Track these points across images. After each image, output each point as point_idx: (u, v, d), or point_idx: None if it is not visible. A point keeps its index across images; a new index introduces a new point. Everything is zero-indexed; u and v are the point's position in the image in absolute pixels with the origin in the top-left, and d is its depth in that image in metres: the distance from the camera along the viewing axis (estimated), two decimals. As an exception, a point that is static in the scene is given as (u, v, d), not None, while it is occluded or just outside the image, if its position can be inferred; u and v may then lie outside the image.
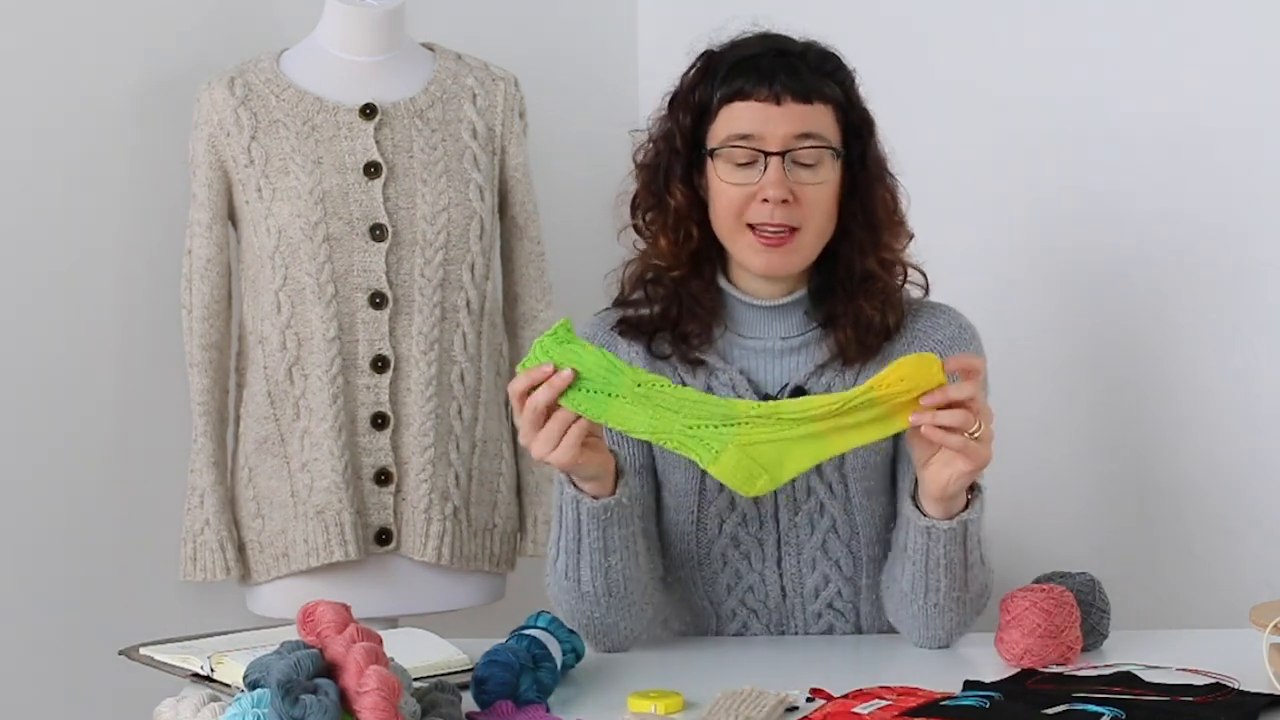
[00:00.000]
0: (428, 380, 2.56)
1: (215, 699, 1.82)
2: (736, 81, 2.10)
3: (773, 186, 2.08)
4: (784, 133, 2.08)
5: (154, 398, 2.70)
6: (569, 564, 2.05)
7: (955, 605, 2.05)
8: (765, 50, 2.12)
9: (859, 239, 2.15)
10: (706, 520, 2.16)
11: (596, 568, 2.04)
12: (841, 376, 2.15)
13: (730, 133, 2.10)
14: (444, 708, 1.74)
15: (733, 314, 2.18)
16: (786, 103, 2.08)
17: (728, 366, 2.16)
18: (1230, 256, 2.65)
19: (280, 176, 2.54)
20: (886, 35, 2.90)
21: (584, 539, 2.03)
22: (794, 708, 1.82)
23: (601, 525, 2.02)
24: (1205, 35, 2.65)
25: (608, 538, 2.03)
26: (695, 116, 2.14)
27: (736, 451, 1.92)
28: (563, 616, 2.08)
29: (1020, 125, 2.81)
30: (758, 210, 2.09)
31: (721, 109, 2.11)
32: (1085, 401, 2.81)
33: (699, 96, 2.14)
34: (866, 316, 2.14)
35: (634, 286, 2.21)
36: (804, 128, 2.09)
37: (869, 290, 2.14)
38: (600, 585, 2.05)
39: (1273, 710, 1.78)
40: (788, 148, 2.08)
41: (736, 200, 2.10)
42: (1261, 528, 2.64)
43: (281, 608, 2.57)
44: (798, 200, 2.09)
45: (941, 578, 2.02)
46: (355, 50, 2.61)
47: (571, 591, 2.07)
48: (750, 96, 2.09)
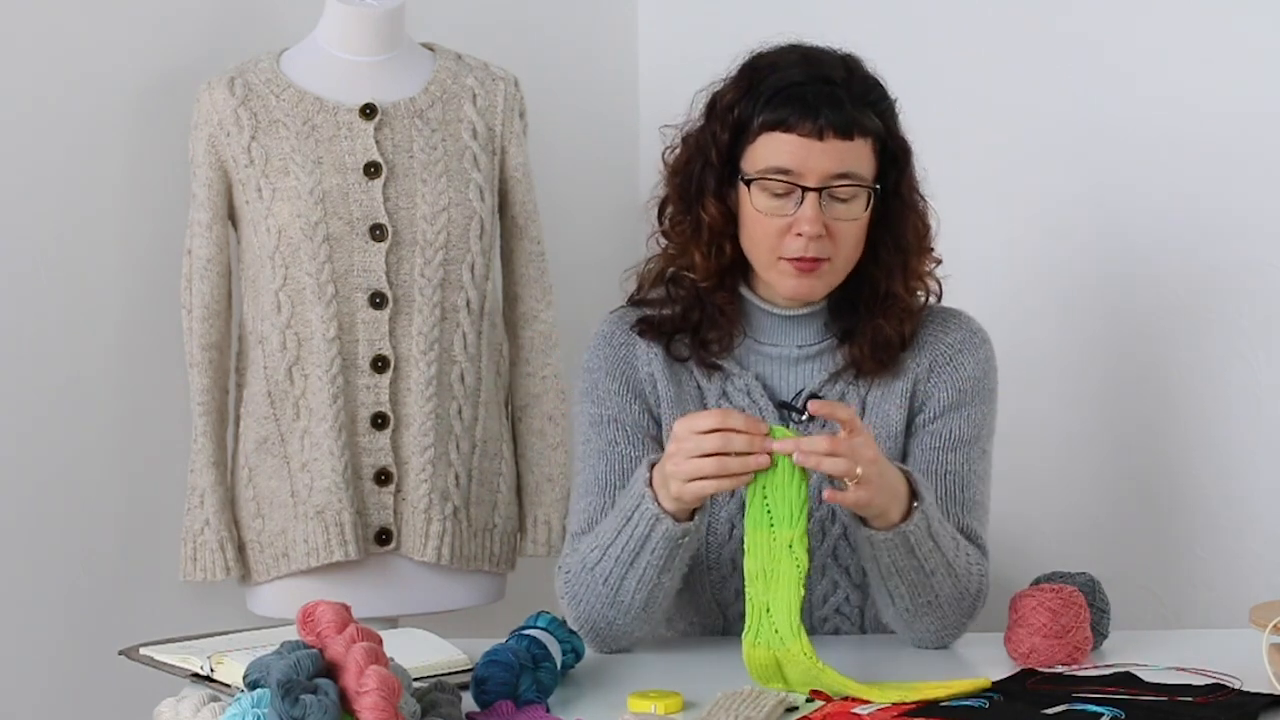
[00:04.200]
0: (428, 380, 2.56)
1: (215, 699, 1.82)
2: (780, 110, 2.08)
3: (809, 224, 2.07)
4: (823, 170, 2.07)
5: (154, 398, 2.70)
6: (614, 573, 2.03)
7: (930, 610, 2.04)
8: (809, 78, 2.10)
9: (886, 262, 2.15)
10: (717, 524, 2.15)
11: (644, 583, 2.02)
12: (855, 385, 2.17)
13: (769, 164, 2.08)
14: (444, 708, 1.74)
15: (752, 321, 2.19)
16: (829, 138, 2.07)
17: (744, 372, 2.17)
18: (1233, 259, 2.65)
19: (280, 176, 2.54)
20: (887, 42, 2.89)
21: (645, 556, 2.00)
22: (794, 708, 1.82)
23: (671, 549, 1.99)
24: (1214, 41, 2.65)
25: (670, 559, 2.01)
26: (733, 134, 2.12)
27: (772, 656, 1.88)
28: (569, 612, 2.07)
29: (1027, 129, 2.82)
30: (790, 243, 2.08)
31: (761, 135, 2.10)
32: (1086, 402, 2.81)
33: (738, 114, 2.12)
34: (885, 334, 2.15)
35: (654, 284, 2.21)
36: (842, 167, 2.08)
37: (889, 309, 2.15)
38: (640, 599, 2.04)
39: (1273, 710, 1.78)
40: (825, 185, 2.07)
41: (771, 233, 2.09)
42: (1261, 528, 2.64)
43: (281, 608, 2.56)
44: (830, 234, 2.09)
45: (899, 584, 2.01)
46: (355, 50, 2.60)
47: (604, 598, 2.05)
48: (793, 129, 2.07)
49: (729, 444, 1.89)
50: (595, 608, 2.06)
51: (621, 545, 2.01)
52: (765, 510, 1.90)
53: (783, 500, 1.89)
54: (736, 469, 1.89)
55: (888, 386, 2.17)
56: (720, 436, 1.89)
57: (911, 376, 2.17)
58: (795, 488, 1.89)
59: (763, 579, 1.90)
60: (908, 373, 2.17)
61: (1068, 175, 2.79)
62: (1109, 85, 2.74)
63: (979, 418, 2.17)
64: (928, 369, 2.17)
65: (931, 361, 2.17)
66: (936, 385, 2.16)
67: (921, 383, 2.17)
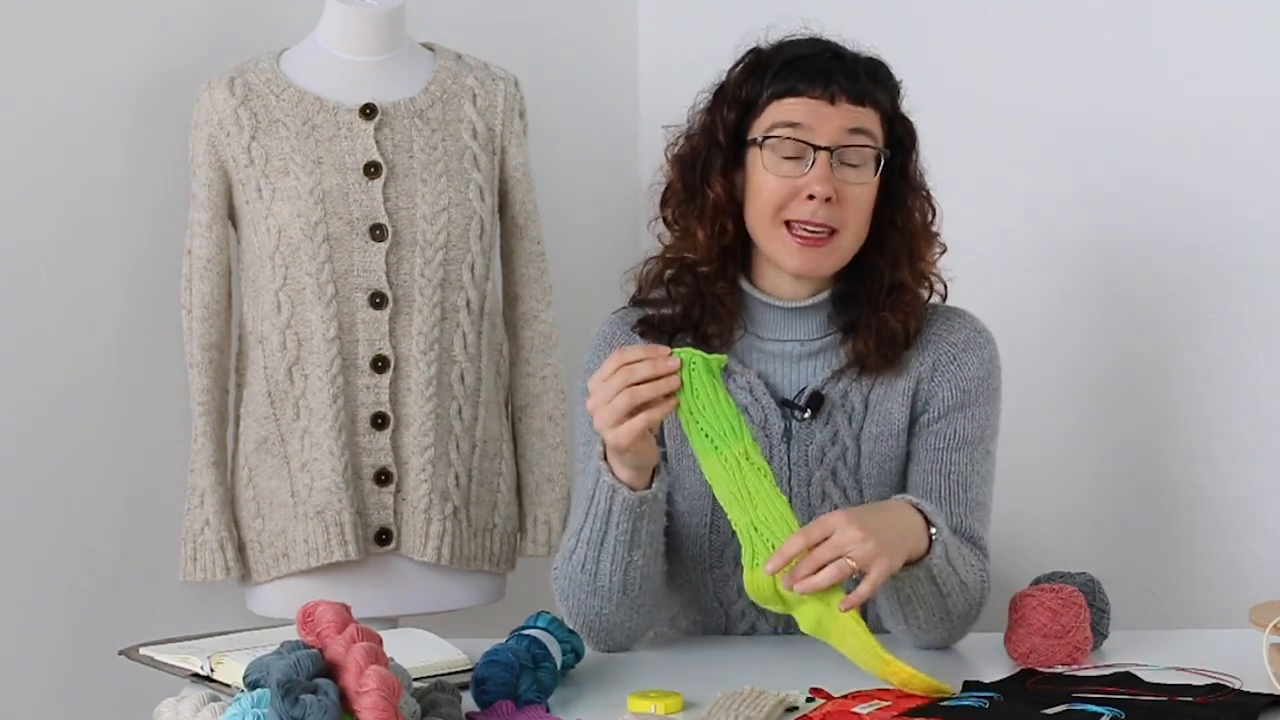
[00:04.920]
0: (428, 380, 2.56)
1: (215, 699, 1.82)
2: (790, 79, 2.08)
3: (819, 183, 2.06)
4: (836, 127, 2.07)
5: (154, 398, 2.70)
6: (588, 556, 2.04)
7: (939, 625, 2.04)
8: (819, 51, 2.11)
9: (893, 249, 2.14)
10: (719, 523, 2.15)
11: (618, 562, 2.03)
12: (858, 383, 2.16)
13: (779, 120, 2.08)
14: (444, 708, 1.74)
15: (753, 315, 2.18)
16: (840, 102, 2.07)
17: (746, 370, 2.16)
18: (1233, 258, 2.65)
19: (280, 176, 2.54)
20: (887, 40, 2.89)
21: (611, 530, 2.02)
22: (794, 708, 1.82)
23: (633, 519, 2.01)
24: (1214, 39, 2.65)
25: (635, 531, 2.02)
26: (740, 112, 2.12)
27: (772, 578, 1.89)
28: (566, 613, 2.08)
29: (1027, 129, 2.82)
30: (800, 207, 2.07)
31: (770, 104, 2.09)
32: (1086, 401, 2.81)
33: (745, 92, 2.12)
34: (890, 328, 2.13)
35: (654, 285, 2.21)
36: (855, 124, 2.07)
37: (895, 301, 2.14)
38: (617, 581, 2.04)
39: (1273, 710, 1.78)
40: (837, 143, 2.07)
41: (779, 194, 2.08)
42: (1261, 528, 2.64)
43: (281, 608, 2.57)
44: (840, 200, 2.07)
45: (917, 609, 2.01)
46: (355, 50, 2.61)
47: (585, 586, 2.06)
48: (803, 94, 2.07)
49: (632, 375, 1.89)
50: (580, 598, 2.07)
51: (590, 527, 2.03)
52: (704, 435, 1.90)
53: (714, 419, 1.90)
54: (648, 394, 1.89)
55: (890, 384, 2.16)
56: (623, 372, 1.89)
57: (915, 375, 2.16)
58: (722, 403, 1.90)
59: (737, 502, 1.90)
60: (911, 371, 2.16)
61: (1068, 175, 2.79)
62: (1109, 85, 2.74)
63: (983, 418, 2.16)
64: (931, 368, 2.16)
65: (935, 360, 2.17)
66: (940, 385, 2.16)
67: (925, 382, 2.16)
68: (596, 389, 1.92)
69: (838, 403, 2.15)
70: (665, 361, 1.89)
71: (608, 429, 1.91)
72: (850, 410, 2.15)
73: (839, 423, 2.15)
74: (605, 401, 1.90)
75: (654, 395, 1.89)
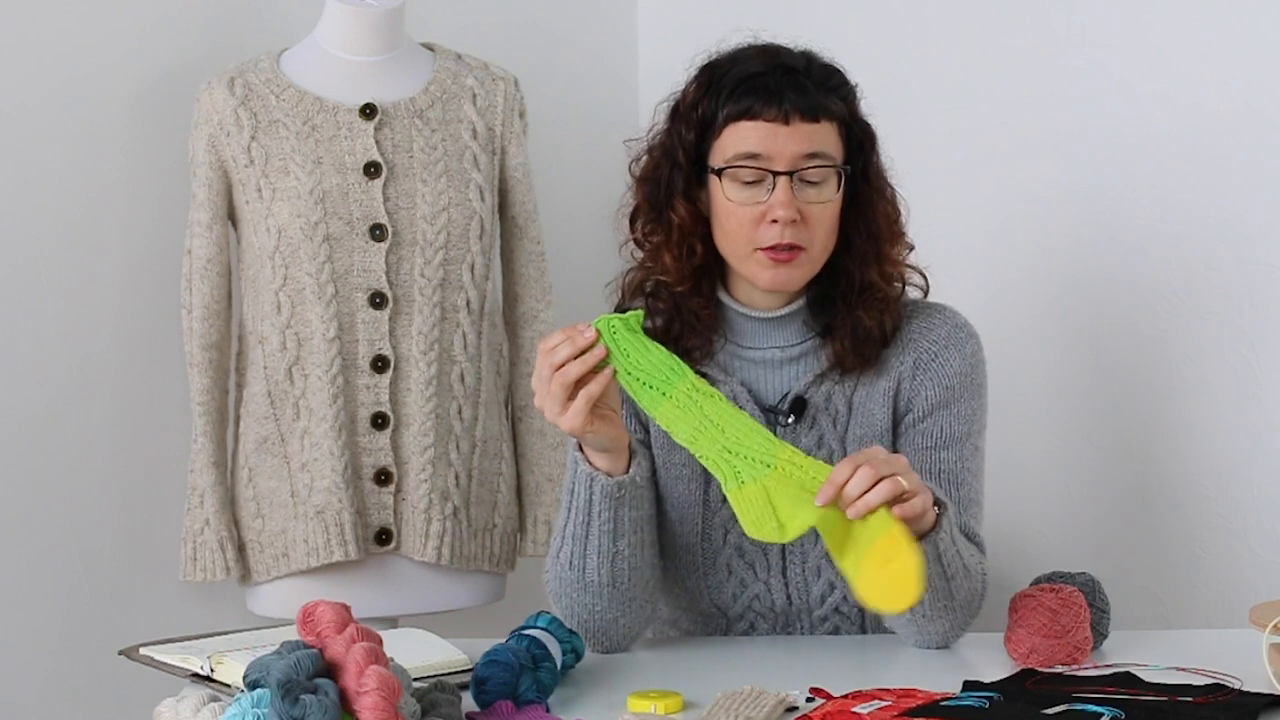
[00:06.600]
0: (428, 380, 2.56)
1: (215, 699, 1.82)
2: (744, 100, 2.09)
3: (782, 208, 2.07)
4: (792, 152, 2.07)
5: (154, 398, 2.70)
6: (574, 551, 2.05)
7: (943, 613, 2.04)
8: (770, 68, 2.10)
9: (860, 250, 2.14)
10: (711, 531, 2.16)
11: (604, 554, 2.04)
12: (841, 386, 2.16)
13: (737, 151, 2.08)
14: (444, 708, 1.74)
15: (732, 326, 2.18)
16: (794, 122, 2.07)
17: (728, 379, 2.16)
18: (1231, 256, 2.65)
19: (280, 176, 2.54)
20: (881, 37, 2.90)
21: (594, 521, 2.02)
22: (794, 708, 1.82)
23: (614, 506, 2.01)
24: (1206, 37, 2.65)
25: (618, 520, 2.02)
26: (699, 132, 2.12)
27: (760, 490, 1.89)
28: (562, 613, 2.08)
29: (1018, 125, 2.82)
30: (766, 231, 2.08)
31: (727, 126, 2.10)
32: (1085, 401, 2.81)
33: (702, 111, 2.12)
34: (865, 327, 2.14)
35: (634, 296, 2.21)
36: (811, 147, 2.08)
37: (868, 300, 2.14)
38: (605, 574, 2.05)
39: (1273, 710, 1.78)
40: (795, 168, 2.07)
41: (745, 222, 2.09)
42: (1261, 528, 2.64)
43: (281, 608, 2.57)
44: (805, 220, 2.08)
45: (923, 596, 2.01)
46: (355, 50, 2.61)
47: (574, 583, 2.06)
48: (758, 116, 2.08)
49: (555, 358, 1.91)
50: (572, 596, 2.07)
51: (574, 521, 2.04)
52: (648, 387, 1.92)
53: (651, 368, 1.92)
54: (577, 371, 1.91)
55: (872, 385, 2.16)
56: (545, 358, 1.92)
57: (895, 375, 2.16)
58: (653, 352, 1.92)
59: (703, 433, 1.90)
60: (891, 370, 2.16)
61: (1066, 173, 2.79)
62: (1106, 84, 2.74)
63: (969, 414, 2.16)
64: (912, 367, 2.16)
65: (915, 359, 2.16)
66: (922, 384, 2.16)
67: (906, 381, 2.16)
68: (534, 383, 1.95)
69: (821, 406, 2.15)
70: (582, 336, 1.92)
71: (556, 418, 1.93)
72: (834, 413, 2.16)
73: (824, 426, 2.15)
74: (545, 393, 1.93)
75: (582, 371, 1.91)
